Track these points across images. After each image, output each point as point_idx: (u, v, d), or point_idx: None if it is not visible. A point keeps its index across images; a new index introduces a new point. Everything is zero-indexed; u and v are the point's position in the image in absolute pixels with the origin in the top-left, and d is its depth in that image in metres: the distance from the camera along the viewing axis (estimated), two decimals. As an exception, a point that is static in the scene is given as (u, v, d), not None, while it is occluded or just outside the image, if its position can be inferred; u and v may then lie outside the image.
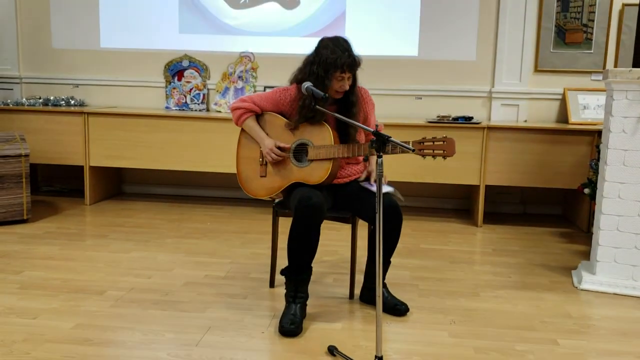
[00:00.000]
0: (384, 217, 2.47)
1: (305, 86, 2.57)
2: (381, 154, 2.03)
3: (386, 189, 2.65)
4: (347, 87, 2.62)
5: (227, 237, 3.94)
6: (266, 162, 2.76)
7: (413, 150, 2.07)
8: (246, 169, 2.83)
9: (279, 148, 2.70)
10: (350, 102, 2.67)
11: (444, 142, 2.42)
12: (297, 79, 2.69)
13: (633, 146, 3.02)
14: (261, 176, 2.77)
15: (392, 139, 2.02)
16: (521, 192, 4.87)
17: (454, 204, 4.97)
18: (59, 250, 3.53)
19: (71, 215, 4.41)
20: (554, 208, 4.90)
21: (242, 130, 2.85)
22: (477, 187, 4.39)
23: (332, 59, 2.54)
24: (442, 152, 2.41)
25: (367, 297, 2.83)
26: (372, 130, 2.05)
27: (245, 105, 2.78)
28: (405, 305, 2.73)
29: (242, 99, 2.81)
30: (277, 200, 2.93)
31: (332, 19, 4.85)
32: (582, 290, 3.10)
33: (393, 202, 2.60)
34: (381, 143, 2.03)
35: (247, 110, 2.78)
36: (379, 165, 2.01)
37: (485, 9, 4.71)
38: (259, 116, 2.81)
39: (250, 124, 2.78)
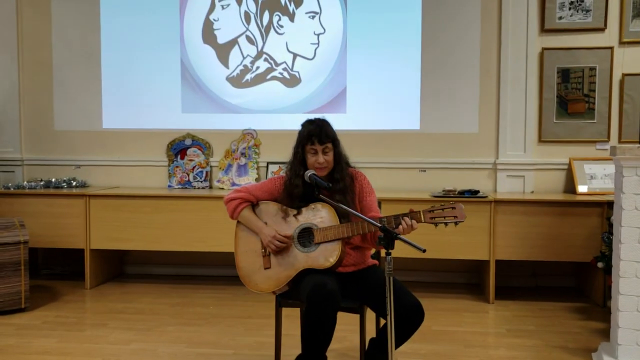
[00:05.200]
0: (405, 316, 2.39)
1: (309, 174, 2.52)
2: (390, 250, 1.95)
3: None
4: (322, 160, 2.59)
5: (230, 322, 3.80)
6: (269, 253, 2.63)
7: (424, 251, 1.97)
8: (248, 263, 2.69)
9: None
10: (335, 180, 2.62)
11: (453, 208, 2.41)
12: (288, 165, 2.73)
13: (647, 224, 2.93)
14: (265, 268, 2.63)
15: (400, 236, 1.94)
16: (532, 265, 4.75)
17: (465, 277, 4.84)
18: (56, 343, 3.40)
19: (71, 301, 4.29)
20: (566, 280, 4.75)
21: (238, 223, 2.74)
22: (487, 261, 4.27)
23: (303, 132, 2.63)
24: (453, 218, 2.40)
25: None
26: (380, 225, 1.98)
27: (240, 195, 2.70)
28: None
29: (236, 189, 2.75)
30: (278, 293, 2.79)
31: (333, 96, 4.87)
32: (605, 376, 2.95)
33: (416, 302, 2.45)
34: (389, 239, 1.95)
35: (243, 200, 2.70)
36: (389, 263, 1.93)
37: (486, 81, 4.73)
38: (254, 207, 2.73)
39: (247, 214, 2.69)
